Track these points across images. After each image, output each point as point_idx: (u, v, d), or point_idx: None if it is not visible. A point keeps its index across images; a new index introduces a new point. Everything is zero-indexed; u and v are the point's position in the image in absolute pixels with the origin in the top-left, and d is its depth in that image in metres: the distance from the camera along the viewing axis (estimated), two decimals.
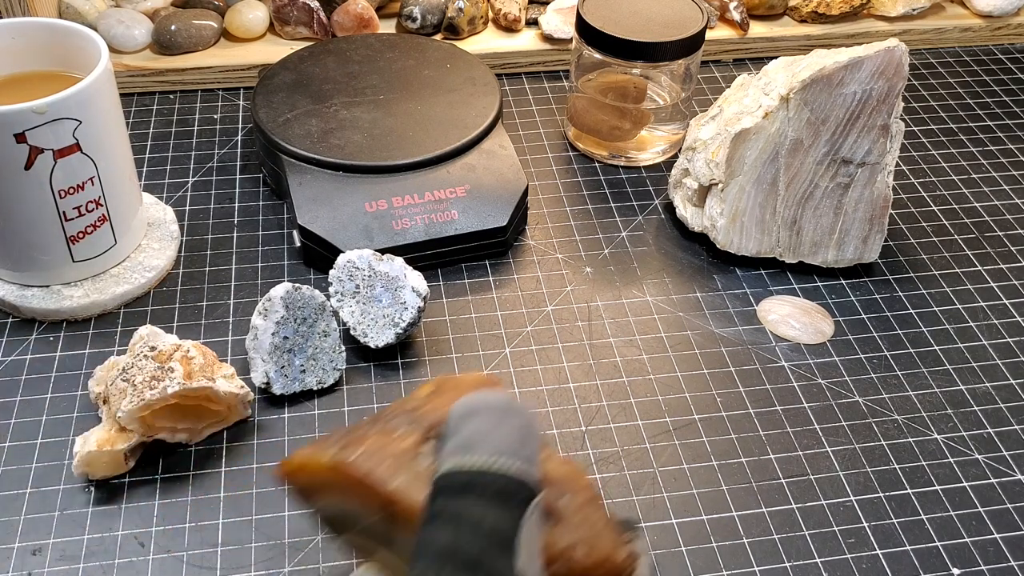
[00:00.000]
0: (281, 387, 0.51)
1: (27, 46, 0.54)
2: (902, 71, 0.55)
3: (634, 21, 0.64)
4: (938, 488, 0.48)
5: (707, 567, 0.45)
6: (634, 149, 0.68)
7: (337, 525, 0.39)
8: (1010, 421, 0.52)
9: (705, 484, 0.48)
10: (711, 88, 0.76)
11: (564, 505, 0.34)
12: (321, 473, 0.36)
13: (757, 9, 0.80)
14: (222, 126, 0.70)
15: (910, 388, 0.53)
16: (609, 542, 0.34)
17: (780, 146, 0.56)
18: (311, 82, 0.65)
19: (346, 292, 0.53)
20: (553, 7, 0.78)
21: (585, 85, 0.67)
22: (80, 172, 0.52)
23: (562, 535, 0.34)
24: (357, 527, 0.37)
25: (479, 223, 0.59)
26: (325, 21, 0.75)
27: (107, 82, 0.52)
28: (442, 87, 0.65)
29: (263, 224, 0.62)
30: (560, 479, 0.35)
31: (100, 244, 0.55)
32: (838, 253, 0.59)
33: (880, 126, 0.56)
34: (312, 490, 0.38)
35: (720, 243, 0.59)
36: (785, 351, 0.55)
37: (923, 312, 0.58)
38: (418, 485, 0.34)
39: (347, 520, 0.38)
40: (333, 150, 0.60)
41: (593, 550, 0.34)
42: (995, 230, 0.64)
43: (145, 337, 0.50)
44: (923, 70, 0.80)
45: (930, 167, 0.69)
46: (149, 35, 0.73)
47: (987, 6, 0.82)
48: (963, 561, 0.45)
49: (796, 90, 0.55)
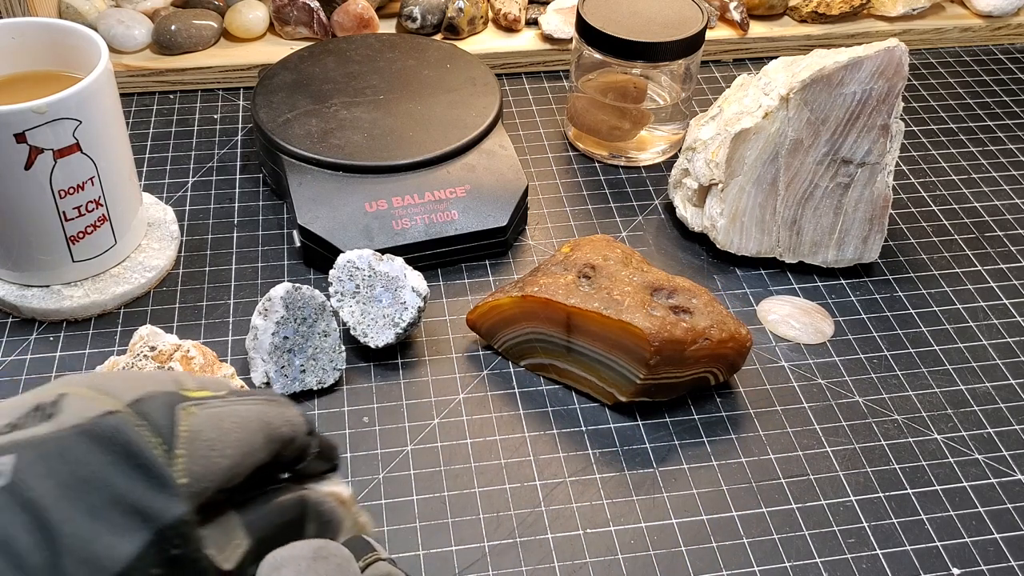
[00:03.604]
0: (281, 387, 0.51)
1: (27, 46, 0.54)
2: (902, 71, 0.55)
3: (634, 21, 0.64)
4: (938, 488, 0.48)
5: (707, 567, 0.45)
6: (634, 149, 0.68)
7: (517, 354, 0.53)
8: (1010, 421, 0.52)
9: (705, 484, 0.48)
10: (711, 88, 0.76)
11: (694, 304, 0.50)
12: (509, 308, 0.51)
13: (757, 9, 0.80)
14: (222, 126, 0.70)
15: (910, 388, 0.53)
16: (732, 323, 0.50)
17: (780, 146, 0.56)
18: (311, 82, 0.65)
19: (346, 292, 0.53)
20: (553, 7, 0.78)
21: (585, 85, 0.67)
22: (80, 172, 0.52)
23: (698, 322, 0.49)
24: (538, 348, 0.52)
25: (479, 223, 0.59)
26: (325, 21, 0.75)
27: (107, 82, 0.52)
28: (442, 87, 0.65)
29: (263, 224, 0.62)
30: (686, 287, 0.50)
31: (100, 244, 0.55)
32: (838, 253, 0.59)
33: (880, 126, 0.56)
34: (495, 328, 0.53)
35: (720, 243, 0.59)
36: (785, 351, 0.55)
37: (923, 312, 0.58)
38: (588, 300, 0.49)
39: (527, 347, 0.52)
40: (333, 150, 0.60)
41: (722, 330, 0.49)
42: (995, 230, 0.64)
43: (145, 337, 0.50)
44: (923, 70, 0.80)
45: (930, 167, 0.69)
46: (149, 35, 0.73)
47: (987, 6, 0.82)
48: (963, 561, 0.45)
49: (796, 90, 0.55)
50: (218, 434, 0.35)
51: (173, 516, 0.33)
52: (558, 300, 0.50)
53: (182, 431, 0.34)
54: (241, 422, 0.37)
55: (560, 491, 0.47)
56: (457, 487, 0.47)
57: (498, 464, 0.49)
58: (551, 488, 0.48)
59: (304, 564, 0.33)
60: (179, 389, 0.36)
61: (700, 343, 0.48)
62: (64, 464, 0.33)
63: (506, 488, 0.47)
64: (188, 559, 0.34)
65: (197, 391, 0.37)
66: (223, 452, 0.35)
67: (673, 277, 0.51)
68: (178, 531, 0.33)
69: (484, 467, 0.48)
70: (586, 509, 0.47)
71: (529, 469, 0.48)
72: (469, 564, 0.44)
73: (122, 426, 0.34)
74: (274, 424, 0.38)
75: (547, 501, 0.47)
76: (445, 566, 0.44)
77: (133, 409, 0.34)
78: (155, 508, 0.33)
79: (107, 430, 0.33)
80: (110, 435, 0.33)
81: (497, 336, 0.53)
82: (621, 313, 0.48)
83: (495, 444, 0.49)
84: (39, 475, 0.32)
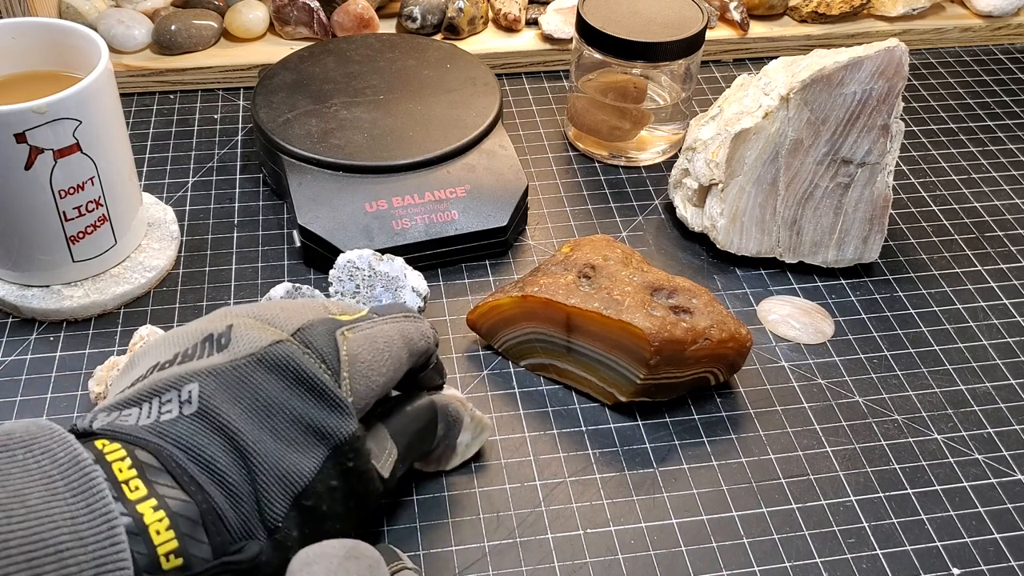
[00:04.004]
0: None
1: (27, 46, 0.54)
2: (902, 71, 0.55)
3: (634, 21, 0.64)
4: (938, 488, 0.48)
5: (707, 567, 0.45)
6: (634, 149, 0.68)
7: (517, 354, 0.53)
8: (1010, 421, 0.52)
9: (705, 484, 0.48)
10: (711, 88, 0.76)
11: (694, 304, 0.49)
12: (509, 308, 0.51)
13: (757, 9, 0.80)
14: (222, 126, 0.70)
15: (910, 388, 0.53)
16: (732, 323, 0.50)
17: (780, 146, 0.56)
18: (311, 82, 0.65)
19: (346, 292, 0.53)
20: (553, 7, 0.78)
21: (585, 85, 0.67)
22: (80, 172, 0.52)
23: (698, 322, 0.49)
24: (538, 348, 0.52)
25: (479, 223, 0.59)
26: (325, 21, 0.75)
27: (107, 82, 0.52)
28: (442, 87, 0.65)
29: (263, 224, 0.62)
30: (686, 287, 0.50)
31: (100, 244, 0.55)
32: (838, 253, 0.59)
33: (880, 126, 0.56)
34: (496, 328, 0.53)
35: (720, 243, 0.59)
36: (785, 351, 0.55)
37: (923, 312, 0.58)
38: (588, 300, 0.49)
39: (527, 347, 0.52)
40: (333, 150, 0.60)
41: (722, 330, 0.49)
42: (995, 230, 0.64)
43: (145, 337, 0.50)
44: (923, 70, 0.80)
45: (930, 167, 0.69)
46: (149, 35, 0.73)
47: (987, 6, 0.82)
48: (963, 561, 0.45)
49: (796, 90, 0.55)
50: (373, 354, 0.39)
51: (347, 433, 0.37)
52: (558, 300, 0.50)
53: (344, 355, 0.38)
54: (389, 340, 0.40)
55: (560, 491, 0.47)
56: (457, 487, 0.47)
57: (498, 464, 0.49)
58: (551, 488, 0.48)
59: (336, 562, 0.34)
60: (332, 316, 0.39)
61: (700, 343, 0.48)
62: (245, 390, 0.36)
63: (506, 488, 0.47)
64: (359, 471, 0.37)
65: (345, 315, 0.40)
66: (379, 370, 0.39)
67: (673, 277, 0.51)
68: (351, 446, 0.37)
69: (484, 467, 0.48)
70: (586, 509, 0.47)
71: (529, 469, 0.48)
72: (469, 564, 0.44)
73: (292, 353, 0.37)
74: (414, 339, 0.41)
75: (547, 501, 0.47)
76: (445, 566, 0.44)
77: (297, 337, 0.38)
78: (330, 427, 0.36)
79: (280, 358, 0.37)
80: (283, 362, 0.37)
81: (497, 336, 0.53)
82: (621, 313, 0.48)
83: (495, 444, 0.49)
84: (225, 401, 0.35)
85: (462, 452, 0.48)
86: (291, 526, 0.35)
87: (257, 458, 0.35)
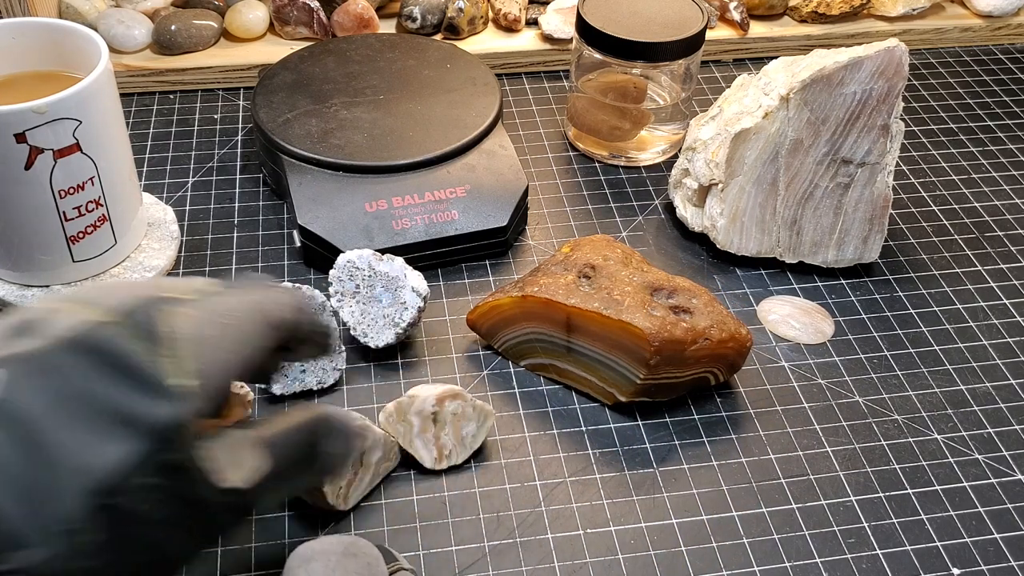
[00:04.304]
0: (281, 387, 0.51)
1: (27, 46, 0.54)
2: (902, 71, 0.55)
3: (634, 21, 0.64)
4: (938, 488, 0.48)
5: (707, 567, 0.45)
6: (634, 149, 0.68)
7: (517, 354, 0.53)
8: (1010, 421, 0.52)
9: (705, 484, 0.48)
10: (711, 88, 0.76)
11: (694, 304, 0.50)
12: (509, 308, 0.51)
13: (757, 9, 0.80)
14: (222, 126, 0.70)
15: (910, 388, 0.53)
16: (732, 323, 0.50)
17: (780, 146, 0.56)
18: (311, 82, 0.65)
19: (346, 292, 0.53)
20: (553, 7, 0.78)
21: (585, 85, 0.67)
22: (80, 172, 0.52)
23: (698, 322, 0.49)
24: (538, 348, 0.52)
25: (479, 223, 0.59)
26: (325, 21, 0.75)
27: (107, 82, 0.52)
28: (442, 87, 0.65)
29: (263, 224, 0.62)
30: (686, 287, 0.50)
31: (100, 244, 0.55)
32: (838, 253, 0.59)
33: (880, 126, 0.56)
34: (496, 328, 0.53)
35: (720, 243, 0.59)
36: (785, 351, 0.55)
37: (923, 312, 0.58)
38: (588, 300, 0.49)
39: (527, 347, 0.52)
40: (333, 150, 0.60)
41: (722, 330, 0.49)
42: (995, 230, 0.64)
43: None
44: (923, 70, 0.80)
45: (930, 167, 0.69)
46: (149, 35, 0.73)
47: (987, 6, 0.82)
48: (963, 561, 0.45)
49: (796, 90, 0.55)
50: (218, 330, 0.35)
51: (161, 418, 0.32)
52: (558, 300, 0.50)
53: (164, 332, 0.33)
54: (239, 315, 0.36)
55: (560, 491, 0.47)
56: (457, 487, 0.47)
57: (498, 464, 0.49)
58: (551, 488, 0.48)
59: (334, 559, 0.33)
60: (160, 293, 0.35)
61: (700, 343, 0.48)
62: (50, 377, 0.32)
63: (506, 488, 0.47)
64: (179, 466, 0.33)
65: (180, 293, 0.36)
66: (220, 346, 0.35)
67: (673, 277, 0.51)
68: (167, 435, 0.32)
69: (484, 467, 0.48)
70: (586, 509, 0.47)
71: (529, 469, 0.48)
72: (469, 564, 0.44)
73: (105, 334, 0.33)
74: (271, 311, 0.37)
75: (547, 501, 0.47)
76: (445, 566, 0.44)
77: (115, 317, 0.34)
78: (141, 412, 0.32)
79: (90, 339, 0.33)
80: (93, 344, 0.33)
81: (497, 336, 0.53)
82: (621, 313, 0.48)
83: (495, 444, 0.49)
84: (28, 389, 0.32)
85: (469, 444, 0.48)
86: (96, 528, 0.31)
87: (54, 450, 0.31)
